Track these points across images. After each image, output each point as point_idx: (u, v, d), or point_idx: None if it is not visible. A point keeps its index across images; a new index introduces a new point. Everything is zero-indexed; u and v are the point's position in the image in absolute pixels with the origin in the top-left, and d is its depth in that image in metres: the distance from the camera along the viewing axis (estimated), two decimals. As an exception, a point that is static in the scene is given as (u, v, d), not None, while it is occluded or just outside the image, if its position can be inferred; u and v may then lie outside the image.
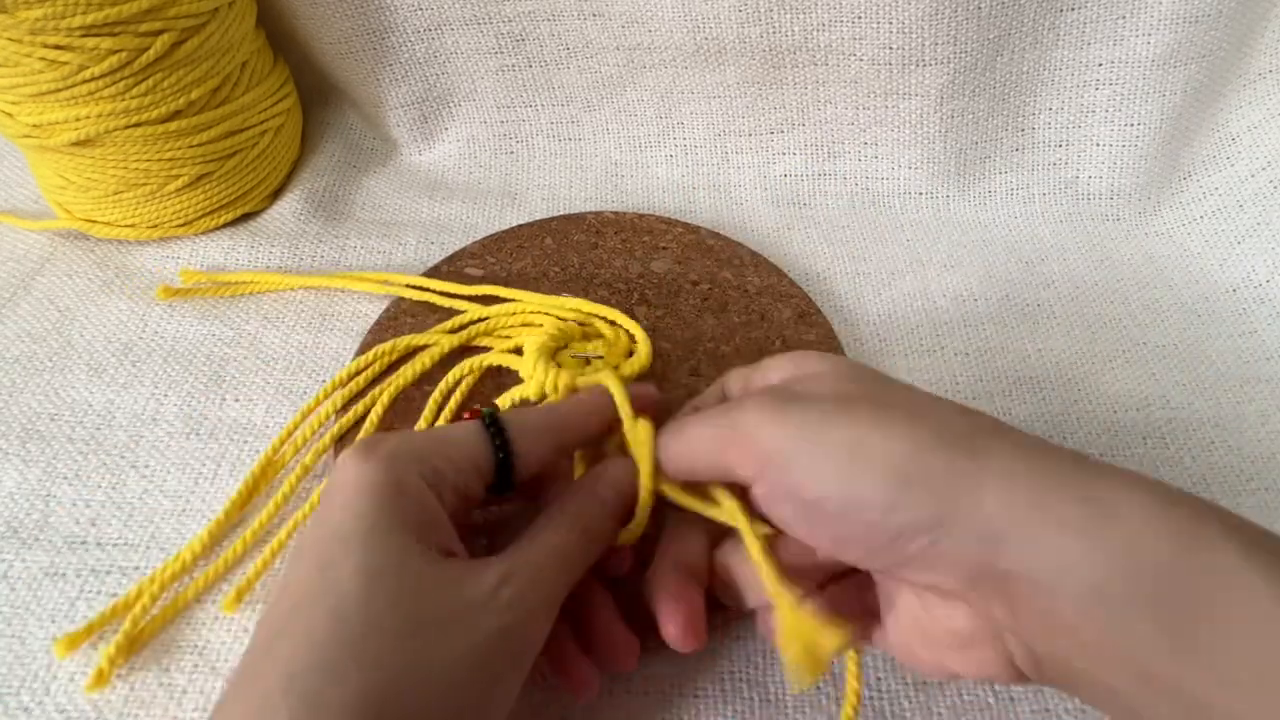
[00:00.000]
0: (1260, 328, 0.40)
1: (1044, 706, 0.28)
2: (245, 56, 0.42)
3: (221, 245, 0.43)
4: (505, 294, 0.39)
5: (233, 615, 0.30)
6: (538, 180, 0.49)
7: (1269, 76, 0.42)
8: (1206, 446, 0.35)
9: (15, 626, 0.29)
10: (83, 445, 0.35)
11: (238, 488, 0.32)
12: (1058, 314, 0.41)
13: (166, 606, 0.29)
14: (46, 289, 0.41)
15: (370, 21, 0.45)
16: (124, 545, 0.32)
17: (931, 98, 0.44)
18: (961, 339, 0.40)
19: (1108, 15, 0.41)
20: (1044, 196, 0.46)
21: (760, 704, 0.28)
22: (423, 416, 0.34)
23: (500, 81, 0.48)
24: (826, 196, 0.47)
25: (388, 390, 0.35)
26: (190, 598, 0.30)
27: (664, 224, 0.43)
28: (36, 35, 0.35)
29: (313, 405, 0.34)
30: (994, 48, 0.42)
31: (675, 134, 0.48)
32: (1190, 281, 0.43)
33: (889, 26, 0.41)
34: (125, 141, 0.39)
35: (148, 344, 0.38)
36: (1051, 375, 0.38)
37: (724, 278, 0.40)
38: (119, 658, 0.28)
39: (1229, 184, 0.44)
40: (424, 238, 0.44)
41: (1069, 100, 0.44)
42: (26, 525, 0.32)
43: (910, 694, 0.28)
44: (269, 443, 0.33)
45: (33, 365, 0.37)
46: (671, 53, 0.45)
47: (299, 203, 0.45)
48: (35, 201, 0.46)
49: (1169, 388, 0.38)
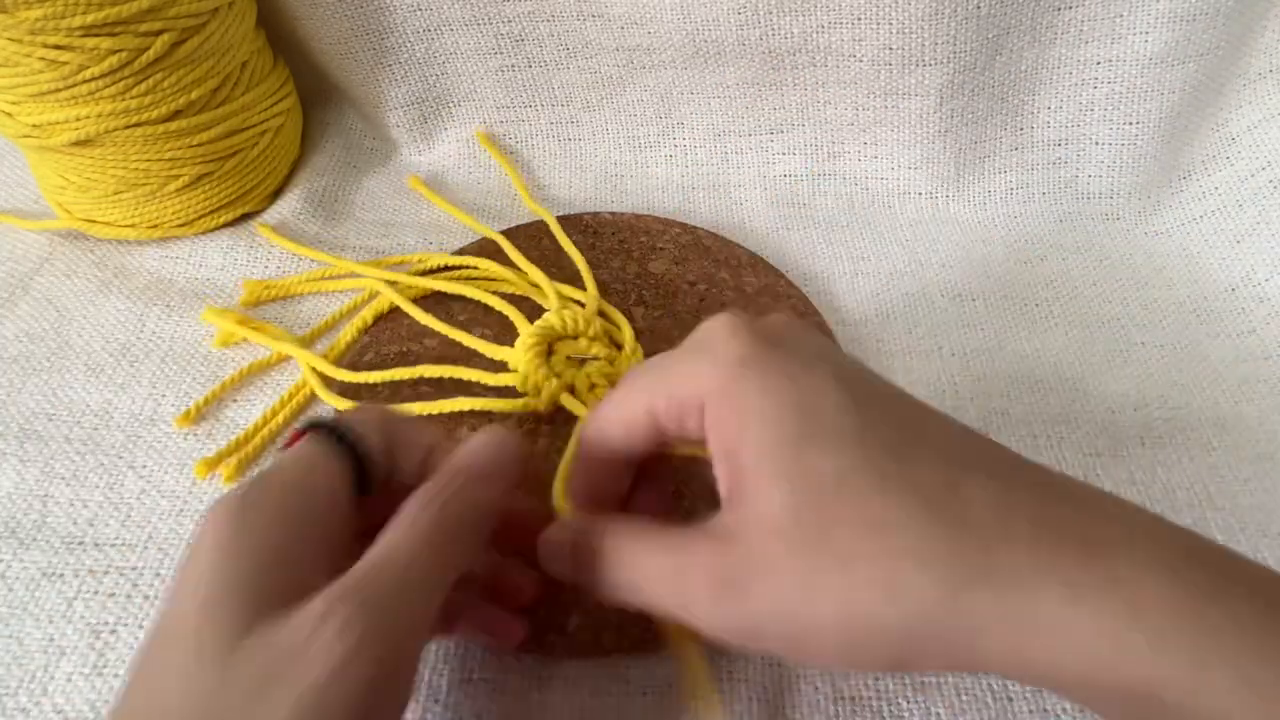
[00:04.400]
0: (1259, 327, 0.40)
1: (1042, 707, 0.28)
2: (245, 56, 0.42)
3: (221, 245, 0.43)
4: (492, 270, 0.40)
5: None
6: (537, 181, 0.49)
7: (1269, 76, 0.42)
8: (1205, 446, 0.35)
9: (13, 627, 0.29)
10: (80, 445, 0.35)
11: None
12: (1056, 314, 0.41)
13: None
14: (45, 289, 0.41)
15: (370, 22, 0.45)
16: (121, 545, 0.32)
17: (930, 98, 0.44)
18: (960, 339, 0.40)
19: (1105, 13, 0.41)
20: (1043, 196, 0.46)
21: (759, 705, 0.28)
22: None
23: (500, 82, 0.48)
24: (826, 197, 0.47)
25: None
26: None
27: (661, 224, 0.43)
28: (36, 35, 0.35)
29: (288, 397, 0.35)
30: (993, 47, 0.42)
31: (675, 134, 0.48)
32: (1189, 281, 0.43)
33: (888, 27, 0.41)
34: (125, 141, 0.39)
35: (146, 344, 0.38)
36: (1050, 375, 0.38)
37: (721, 278, 0.40)
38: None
39: (1228, 183, 0.44)
40: (423, 238, 0.44)
41: (1068, 99, 0.44)
42: (24, 525, 0.32)
43: (908, 694, 0.28)
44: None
45: (30, 365, 0.37)
46: (671, 54, 0.45)
47: (299, 203, 0.45)
48: (35, 201, 0.46)
49: (1168, 388, 0.38)
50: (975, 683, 0.28)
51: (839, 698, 0.28)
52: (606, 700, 0.28)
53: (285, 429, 0.35)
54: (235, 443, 0.34)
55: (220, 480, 0.33)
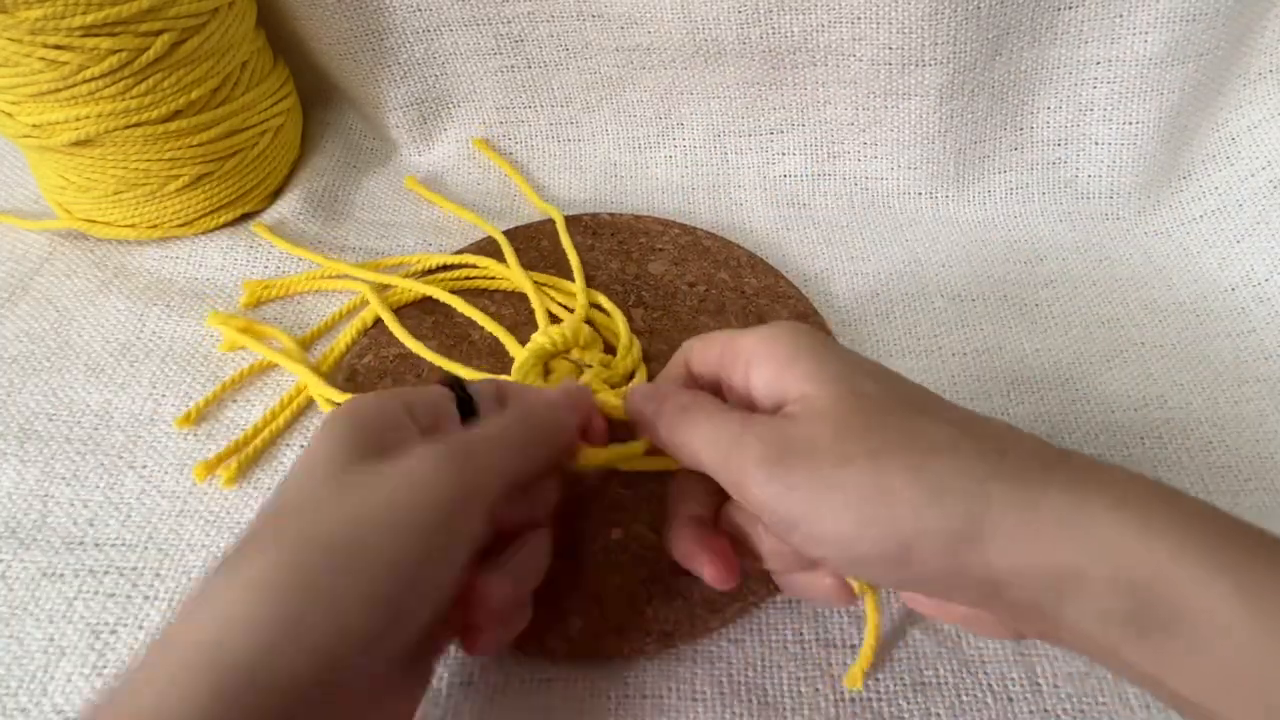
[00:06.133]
0: (1259, 327, 0.40)
1: (1043, 707, 0.28)
2: (245, 56, 0.42)
3: (221, 245, 0.43)
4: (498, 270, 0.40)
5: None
6: (536, 181, 0.49)
7: (1269, 76, 0.42)
8: (1204, 446, 0.35)
9: (13, 627, 0.29)
10: (80, 445, 0.35)
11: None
12: (1056, 313, 0.41)
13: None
14: (45, 289, 0.41)
15: (370, 22, 0.45)
16: (121, 545, 0.32)
17: (930, 98, 0.44)
18: (959, 339, 0.40)
19: (1105, 13, 0.41)
20: (1042, 196, 0.46)
21: (759, 706, 0.28)
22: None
23: (499, 82, 0.48)
24: (825, 197, 0.47)
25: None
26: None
27: (660, 225, 0.43)
28: (36, 35, 0.35)
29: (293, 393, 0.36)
30: (992, 47, 0.42)
31: (674, 135, 0.48)
32: (1189, 281, 0.43)
33: (888, 27, 0.41)
34: (125, 141, 0.39)
35: (146, 344, 0.38)
36: (1049, 375, 0.38)
37: (721, 279, 0.40)
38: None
39: (1228, 183, 0.44)
40: (422, 238, 0.44)
41: (1067, 99, 0.44)
42: (24, 525, 0.32)
43: (909, 694, 0.28)
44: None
45: (31, 365, 0.37)
46: (671, 54, 0.45)
47: (298, 203, 0.45)
48: (35, 202, 0.46)
49: (1167, 387, 0.38)
50: (975, 683, 0.28)
51: (839, 698, 0.28)
52: (605, 703, 0.28)
53: (286, 432, 0.35)
54: (235, 444, 0.34)
55: (220, 483, 0.33)
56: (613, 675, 0.29)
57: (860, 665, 0.28)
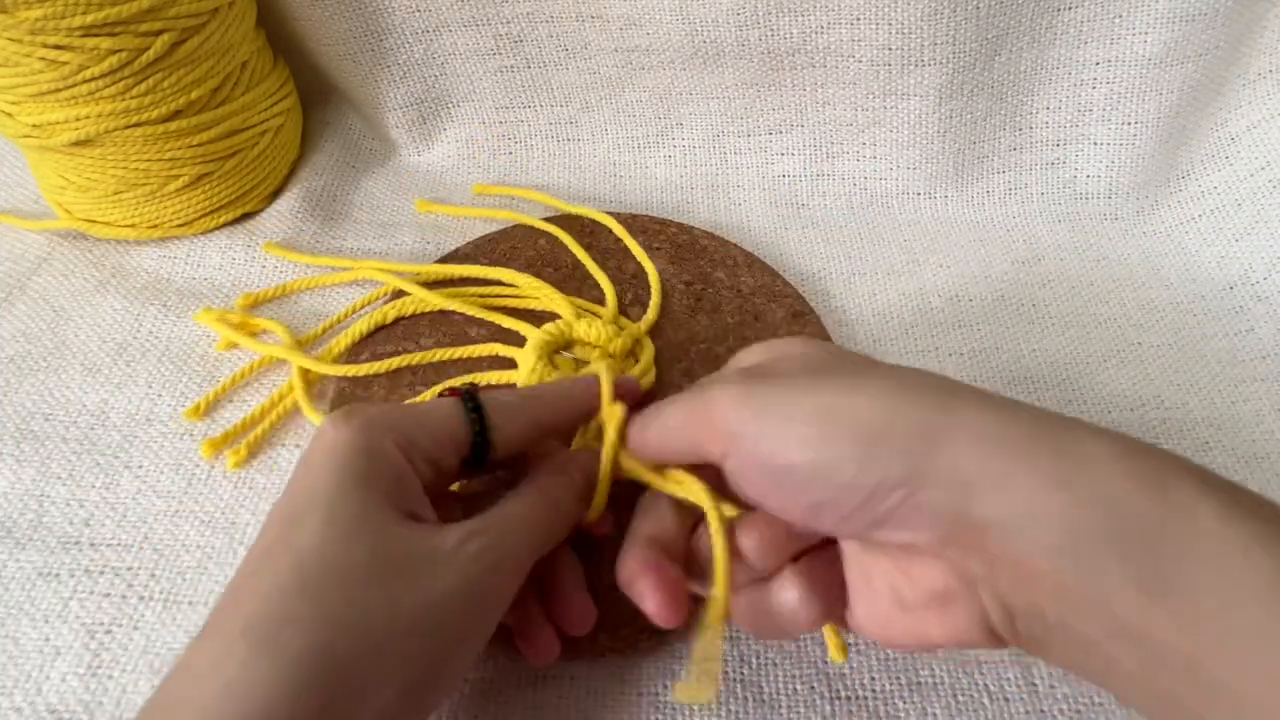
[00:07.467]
0: (1257, 326, 0.40)
1: (1039, 708, 0.28)
2: (245, 56, 0.42)
3: (220, 245, 0.43)
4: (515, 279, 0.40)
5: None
6: (536, 181, 0.49)
7: (1268, 77, 0.42)
8: (1202, 446, 0.35)
9: (9, 627, 0.29)
10: (77, 445, 0.35)
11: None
12: (1054, 314, 0.41)
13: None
14: (42, 289, 0.41)
15: (369, 23, 0.45)
16: (117, 546, 0.32)
17: (929, 98, 0.44)
18: (957, 339, 0.40)
19: (1104, 14, 0.41)
20: (1041, 196, 0.46)
21: (754, 704, 0.28)
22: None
23: (499, 83, 0.48)
24: (824, 197, 0.47)
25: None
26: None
27: (657, 224, 0.43)
28: (36, 35, 0.35)
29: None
30: (991, 48, 0.42)
31: (673, 135, 0.48)
32: (1187, 280, 0.42)
33: (887, 28, 0.41)
34: (125, 141, 0.39)
35: (142, 344, 0.38)
36: (1047, 375, 0.38)
37: (717, 278, 0.40)
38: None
39: (1227, 183, 0.44)
40: (421, 238, 0.45)
41: (1066, 99, 0.44)
42: (20, 525, 0.32)
43: (905, 694, 0.28)
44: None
45: (27, 365, 0.37)
46: (670, 54, 0.45)
47: (298, 203, 0.45)
48: (35, 201, 0.46)
49: (1164, 387, 0.38)
50: (972, 683, 0.28)
51: (835, 696, 0.28)
52: (602, 701, 0.28)
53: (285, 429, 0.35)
54: (243, 423, 0.35)
55: (226, 464, 0.33)
56: (608, 672, 0.29)
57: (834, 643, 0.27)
